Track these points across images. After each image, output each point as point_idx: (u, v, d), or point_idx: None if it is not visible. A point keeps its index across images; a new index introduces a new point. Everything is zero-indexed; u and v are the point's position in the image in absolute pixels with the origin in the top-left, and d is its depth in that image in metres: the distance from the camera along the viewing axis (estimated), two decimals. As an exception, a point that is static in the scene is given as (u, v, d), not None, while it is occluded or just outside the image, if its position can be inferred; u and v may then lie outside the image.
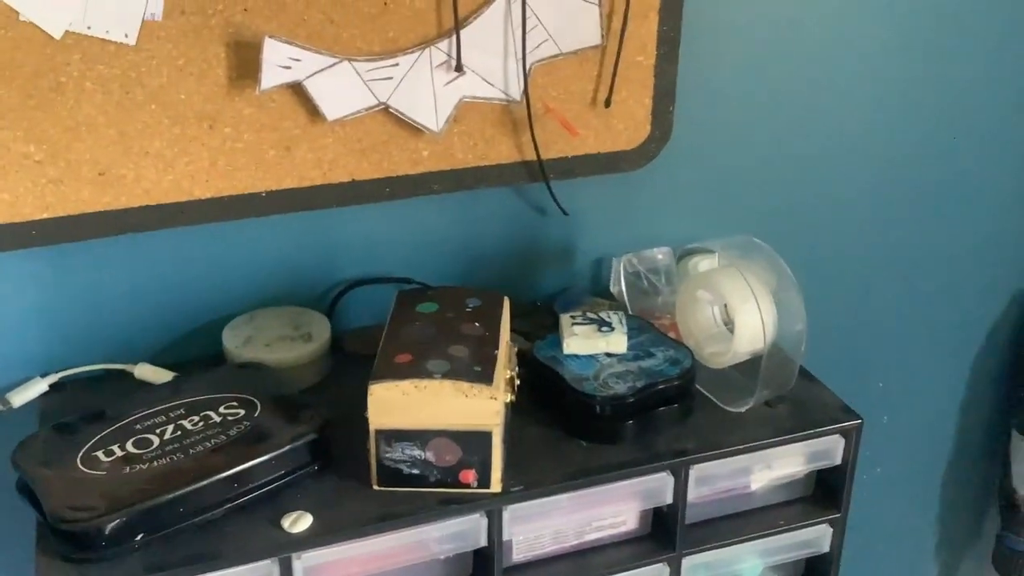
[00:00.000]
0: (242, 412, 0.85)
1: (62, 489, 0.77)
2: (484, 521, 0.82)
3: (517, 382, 0.87)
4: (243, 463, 0.79)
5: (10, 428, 0.91)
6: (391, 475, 0.81)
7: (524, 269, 1.12)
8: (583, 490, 0.85)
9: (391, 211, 1.02)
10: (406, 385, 0.77)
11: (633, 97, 1.04)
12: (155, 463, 0.79)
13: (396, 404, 0.77)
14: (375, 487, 0.81)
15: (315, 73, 0.90)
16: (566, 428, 0.89)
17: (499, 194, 1.07)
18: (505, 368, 0.83)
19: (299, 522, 0.79)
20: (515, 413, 0.86)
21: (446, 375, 0.78)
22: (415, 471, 0.80)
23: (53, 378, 0.95)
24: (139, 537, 0.75)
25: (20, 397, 0.92)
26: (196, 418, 0.84)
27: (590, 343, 0.91)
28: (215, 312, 1.00)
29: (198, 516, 0.77)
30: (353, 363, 0.96)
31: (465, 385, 0.77)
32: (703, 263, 1.05)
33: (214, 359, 0.97)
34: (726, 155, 1.15)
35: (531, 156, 1.02)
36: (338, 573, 0.80)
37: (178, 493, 0.76)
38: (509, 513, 0.83)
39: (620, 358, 0.91)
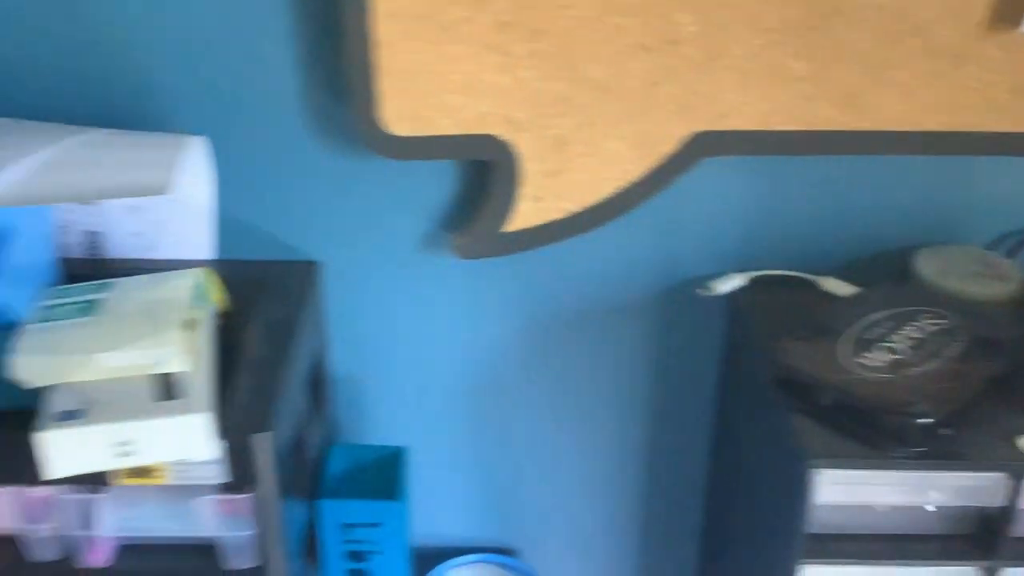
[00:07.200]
0: (945, 323, 0.89)
1: (876, 390, 0.84)
2: None
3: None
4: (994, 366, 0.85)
5: (709, 309, 1.06)
6: None
7: None
8: None
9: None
10: None
11: None
12: (921, 366, 0.86)
13: None
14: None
15: (1078, 20, 0.91)
16: None
17: None
18: None
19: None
20: None
21: None
22: None
23: (748, 275, 1.06)
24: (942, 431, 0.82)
25: (722, 286, 1.05)
26: (913, 326, 0.90)
27: None
28: (899, 240, 1.06)
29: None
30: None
31: None
32: None
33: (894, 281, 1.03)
34: None
35: None
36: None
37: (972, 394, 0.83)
38: None
39: None
